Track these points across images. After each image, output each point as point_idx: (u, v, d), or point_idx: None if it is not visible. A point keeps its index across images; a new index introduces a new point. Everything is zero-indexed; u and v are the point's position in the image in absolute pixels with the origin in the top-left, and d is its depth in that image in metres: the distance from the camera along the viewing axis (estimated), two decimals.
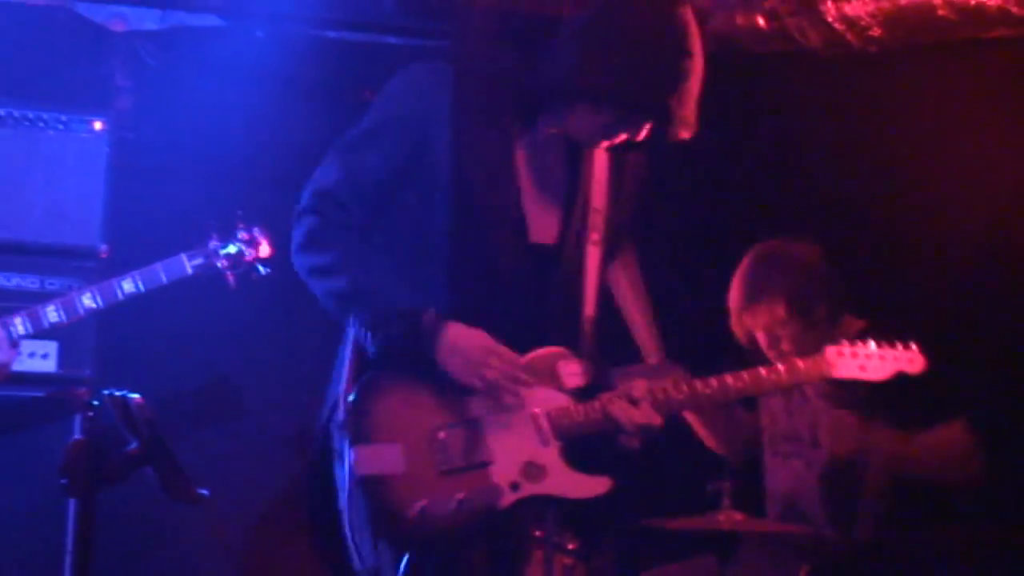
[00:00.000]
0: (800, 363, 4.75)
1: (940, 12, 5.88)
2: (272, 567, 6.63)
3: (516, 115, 4.54)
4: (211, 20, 6.70)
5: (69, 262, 6.23)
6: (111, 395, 4.73)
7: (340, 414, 4.47)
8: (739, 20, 6.56)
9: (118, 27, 6.63)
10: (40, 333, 5.41)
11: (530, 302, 4.55)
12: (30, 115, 6.17)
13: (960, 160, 6.04)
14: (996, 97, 6.04)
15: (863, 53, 6.31)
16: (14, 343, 5.30)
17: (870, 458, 5.44)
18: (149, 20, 6.62)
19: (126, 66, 6.65)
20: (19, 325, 5.29)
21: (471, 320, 4.40)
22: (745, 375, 4.63)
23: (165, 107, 6.67)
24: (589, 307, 4.62)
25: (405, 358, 4.41)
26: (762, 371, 4.67)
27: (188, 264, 5.37)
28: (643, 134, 4.44)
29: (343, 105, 6.86)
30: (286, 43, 6.69)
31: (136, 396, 4.68)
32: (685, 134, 4.37)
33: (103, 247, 6.24)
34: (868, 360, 4.80)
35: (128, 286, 5.37)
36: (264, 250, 5.47)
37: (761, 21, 6.54)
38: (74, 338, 5.78)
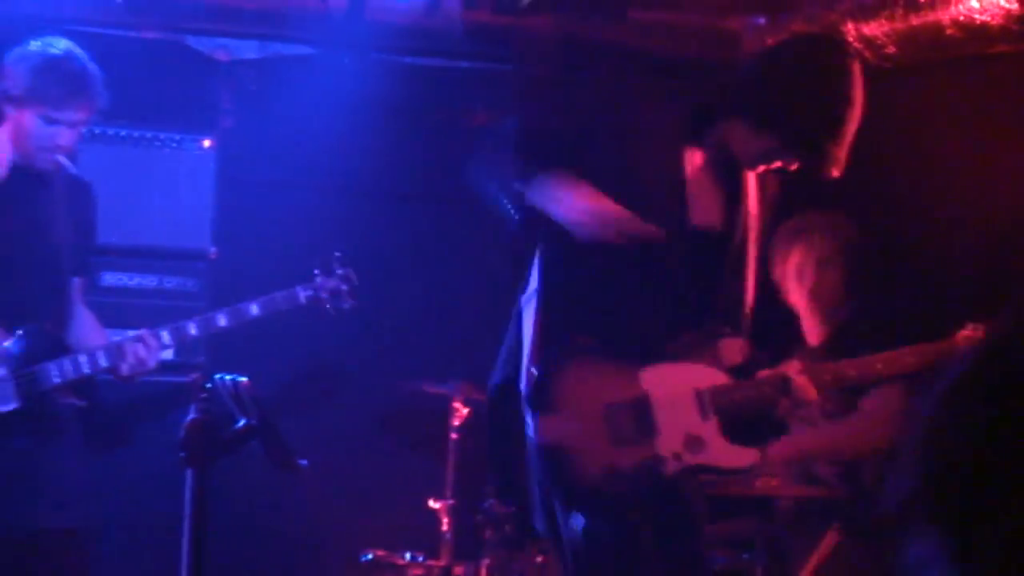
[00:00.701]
0: (931, 346, 4.66)
1: (948, 31, 5.94)
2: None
3: (688, 124, 4.60)
4: (303, 50, 6.91)
5: (183, 263, 6.51)
6: (222, 378, 4.82)
7: (523, 384, 4.58)
8: (768, 41, 6.58)
9: (222, 57, 6.85)
10: (182, 342, 5.60)
11: (692, 281, 4.61)
12: (148, 135, 6.42)
13: (964, 165, 6.07)
14: (998, 105, 6.08)
15: (879, 68, 6.29)
16: (161, 349, 5.44)
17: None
18: (249, 50, 6.82)
19: (230, 91, 6.86)
20: (165, 336, 5.45)
21: (631, 291, 4.51)
22: (883, 356, 4.60)
23: (264, 127, 6.87)
24: (750, 294, 4.67)
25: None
26: (895, 355, 4.61)
27: (301, 295, 5.61)
28: (795, 166, 4.51)
29: (419, 124, 7.15)
30: (368, 69, 6.82)
31: (244, 379, 4.79)
32: (836, 173, 4.42)
33: (212, 249, 6.52)
34: None
35: (254, 310, 5.54)
36: (354, 286, 5.70)
37: None
38: None
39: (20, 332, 5.27)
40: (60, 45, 5.35)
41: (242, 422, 4.76)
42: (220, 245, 6.57)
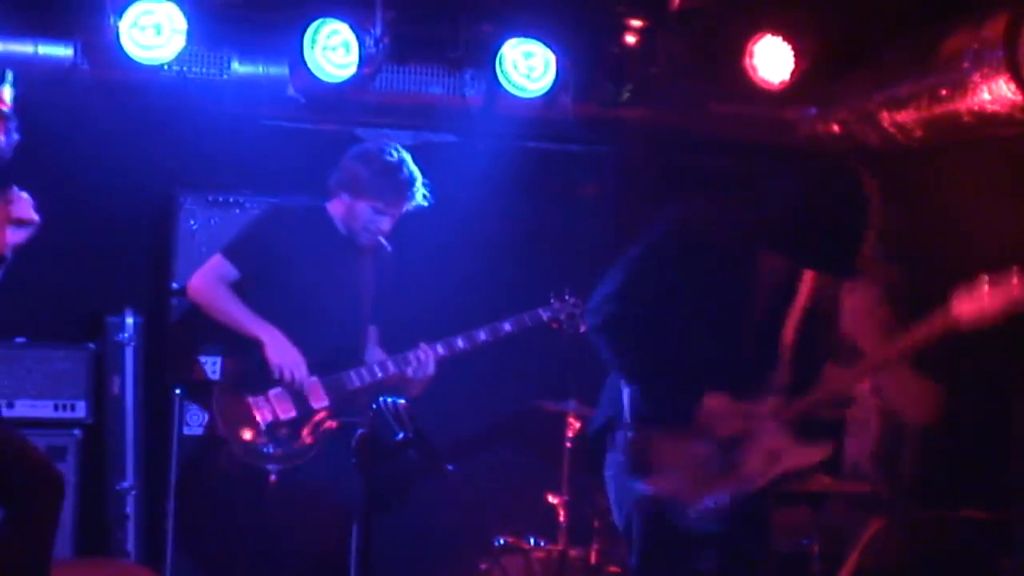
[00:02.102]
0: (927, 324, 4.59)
1: (965, 118, 6.12)
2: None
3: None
4: (448, 137, 7.08)
5: None
6: (385, 401, 4.94)
7: (619, 438, 4.76)
8: (819, 127, 6.90)
9: None
10: (452, 352, 5.96)
11: (751, 362, 4.71)
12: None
13: (981, 226, 6.04)
14: (1008, 176, 6.11)
15: (909, 148, 6.56)
16: (436, 358, 5.86)
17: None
18: (405, 138, 6.78)
19: None
20: (439, 348, 5.91)
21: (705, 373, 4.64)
22: (917, 329, 4.59)
23: None
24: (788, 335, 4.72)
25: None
26: (924, 325, 4.57)
27: (544, 315, 6.08)
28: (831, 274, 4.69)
29: (539, 195, 7.35)
30: (500, 152, 7.00)
31: (402, 401, 4.93)
32: (863, 269, 4.55)
33: None
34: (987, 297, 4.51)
35: (507, 327, 6.00)
36: (579, 310, 6.03)
37: (835, 127, 6.87)
38: None
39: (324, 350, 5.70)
40: (395, 154, 5.77)
41: (400, 435, 4.89)
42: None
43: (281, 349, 5.72)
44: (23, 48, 6.21)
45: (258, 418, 5.72)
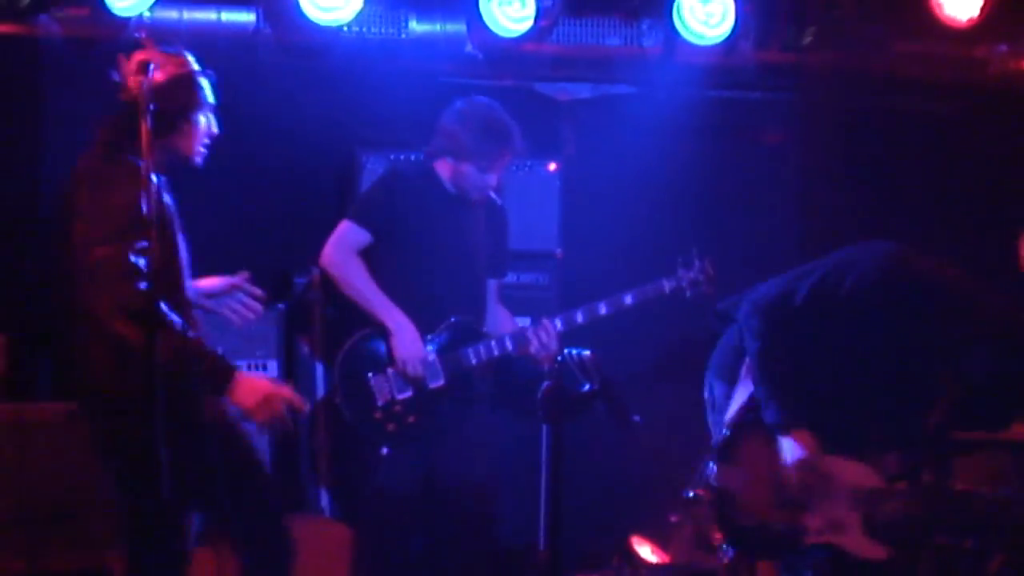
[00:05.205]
0: None
1: None
2: None
3: None
4: (627, 89, 7.09)
5: (535, 261, 6.78)
6: (569, 352, 4.86)
7: (717, 437, 4.92)
8: (1010, 64, 6.79)
9: (563, 97, 7.13)
10: (571, 327, 5.92)
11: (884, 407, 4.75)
12: None
13: None
14: None
15: None
16: (557, 333, 5.83)
17: None
18: (584, 91, 7.06)
19: (570, 124, 7.12)
20: (558, 323, 5.88)
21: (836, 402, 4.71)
22: None
23: (597, 152, 7.08)
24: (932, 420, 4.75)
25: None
26: None
27: (666, 286, 5.93)
28: None
29: (720, 144, 7.25)
30: (679, 102, 6.93)
31: (587, 352, 4.83)
32: None
33: (559, 251, 6.84)
34: None
35: (628, 299, 5.90)
36: (711, 276, 5.93)
37: None
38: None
39: (444, 325, 5.73)
40: (486, 110, 5.73)
41: (586, 387, 4.81)
42: (565, 247, 6.84)
43: (406, 341, 5.76)
44: (207, 16, 6.35)
45: (376, 396, 5.79)
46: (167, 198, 4.57)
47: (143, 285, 4.24)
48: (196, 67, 4.63)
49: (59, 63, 6.23)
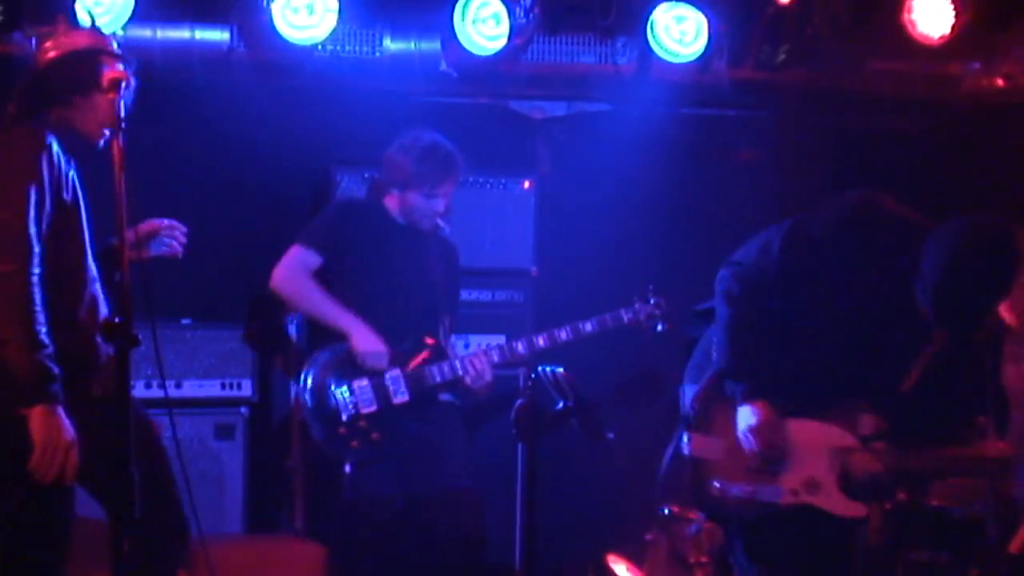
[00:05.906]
0: None
1: None
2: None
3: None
4: (601, 106, 7.08)
5: (510, 279, 6.78)
6: (543, 370, 4.95)
7: (686, 408, 4.91)
8: (982, 82, 6.78)
9: (538, 115, 7.12)
10: (512, 361, 5.97)
11: (846, 364, 4.71)
12: (480, 180, 6.64)
13: None
14: None
15: None
16: (491, 367, 5.84)
17: None
18: (558, 109, 7.06)
19: (544, 142, 7.12)
20: (494, 354, 5.89)
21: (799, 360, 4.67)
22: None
23: (572, 169, 7.07)
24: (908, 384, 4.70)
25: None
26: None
27: (625, 317, 5.97)
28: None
29: (694, 162, 7.21)
30: (654, 119, 6.93)
31: (561, 369, 4.93)
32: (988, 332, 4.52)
33: (533, 268, 6.81)
34: None
35: (588, 327, 5.90)
36: (666, 312, 5.96)
37: (1000, 82, 6.81)
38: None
39: (408, 342, 5.73)
40: (427, 138, 5.76)
41: (560, 404, 4.90)
42: (540, 265, 6.82)
43: (365, 338, 5.76)
44: (180, 34, 6.29)
45: (341, 411, 5.77)
46: (72, 172, 4.36)
47: (33, 272, 4.09)
48: (114, 51, 4.49)
49: None
